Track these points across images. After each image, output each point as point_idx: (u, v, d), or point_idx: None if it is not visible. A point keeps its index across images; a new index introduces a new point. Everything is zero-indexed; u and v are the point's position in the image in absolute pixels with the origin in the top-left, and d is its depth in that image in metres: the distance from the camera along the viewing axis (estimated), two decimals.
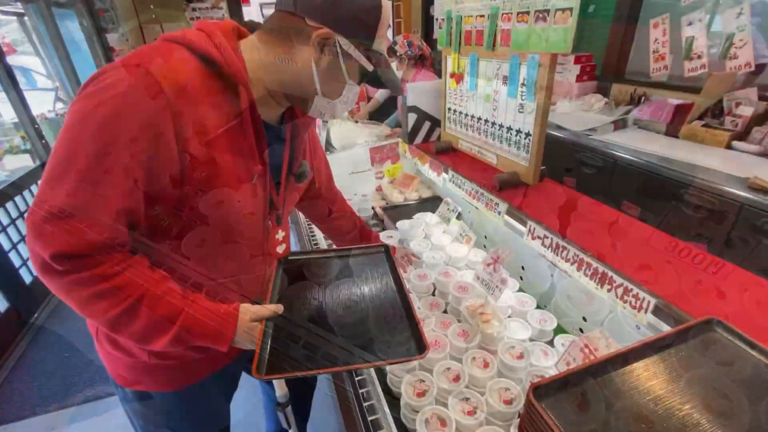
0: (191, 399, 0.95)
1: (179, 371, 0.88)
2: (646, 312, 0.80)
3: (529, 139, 1.19)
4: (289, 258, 1.06)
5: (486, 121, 1.37)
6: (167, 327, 0.67)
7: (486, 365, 0.94)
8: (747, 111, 1.89)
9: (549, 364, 0.99)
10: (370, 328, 0.85)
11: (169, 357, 0.84)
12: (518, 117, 1.22)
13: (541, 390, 0.55)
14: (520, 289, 1.28)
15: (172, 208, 0.69)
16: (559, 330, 1.13)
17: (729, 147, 1.87)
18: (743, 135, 1.89)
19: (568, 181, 2.18)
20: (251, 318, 0.75)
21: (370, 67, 0.74)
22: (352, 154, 1.97)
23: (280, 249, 0.96)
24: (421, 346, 0.79)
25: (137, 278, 0.65)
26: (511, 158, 1.29)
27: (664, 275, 0.84)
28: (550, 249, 1.04)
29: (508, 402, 0.85)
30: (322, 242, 1.61)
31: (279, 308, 0.81)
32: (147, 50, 0.65)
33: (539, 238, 1.07)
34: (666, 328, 0.81)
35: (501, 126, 1.30)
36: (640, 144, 1.98)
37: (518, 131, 1.23)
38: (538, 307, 1.19)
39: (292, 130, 0.87)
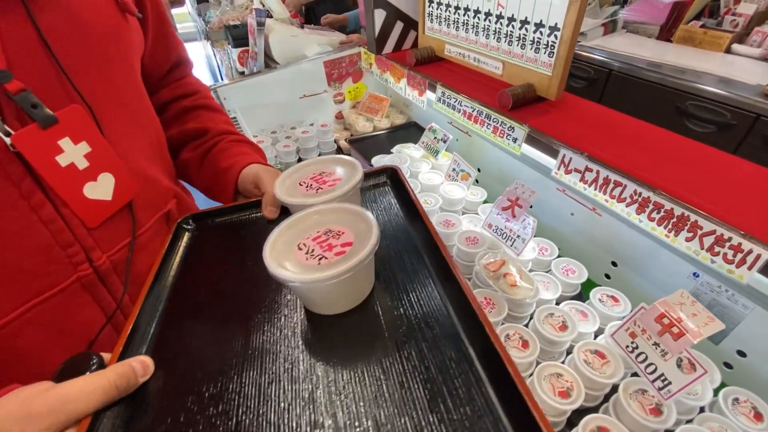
0: None
1: None
2: (750, 268, 0.59)
3: (556, 36, 0.87)
4: (188, 224, 0.62)
5: (487, 14, 1.01)
6: None
7: (525, 345, 0.72)
8: (749, 8, 1.68)
9: (591, 328, 0.80)
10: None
11: None
12: (539, 4, 0.88)
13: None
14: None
15: None
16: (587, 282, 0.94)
17: (728, 51, 1.69)
18: (743, 37, 1.70)
19: None
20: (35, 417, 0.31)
21: None
22: (301, 71, 1.53)
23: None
24: None
25: None
26: (524, 65, 0.98)
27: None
28: (593, 186, 0.79)
29: (565, 394, 0.65)
30: None
31: (140, 367, 0.38)
32: None
33: (577, 171, 0.81)
34: None
35: (511, 20, 0.96)
36: (636, 50, 1.73)
37: (539, 24, 0.90)
38: (559, 255, 0.98)
39: None
